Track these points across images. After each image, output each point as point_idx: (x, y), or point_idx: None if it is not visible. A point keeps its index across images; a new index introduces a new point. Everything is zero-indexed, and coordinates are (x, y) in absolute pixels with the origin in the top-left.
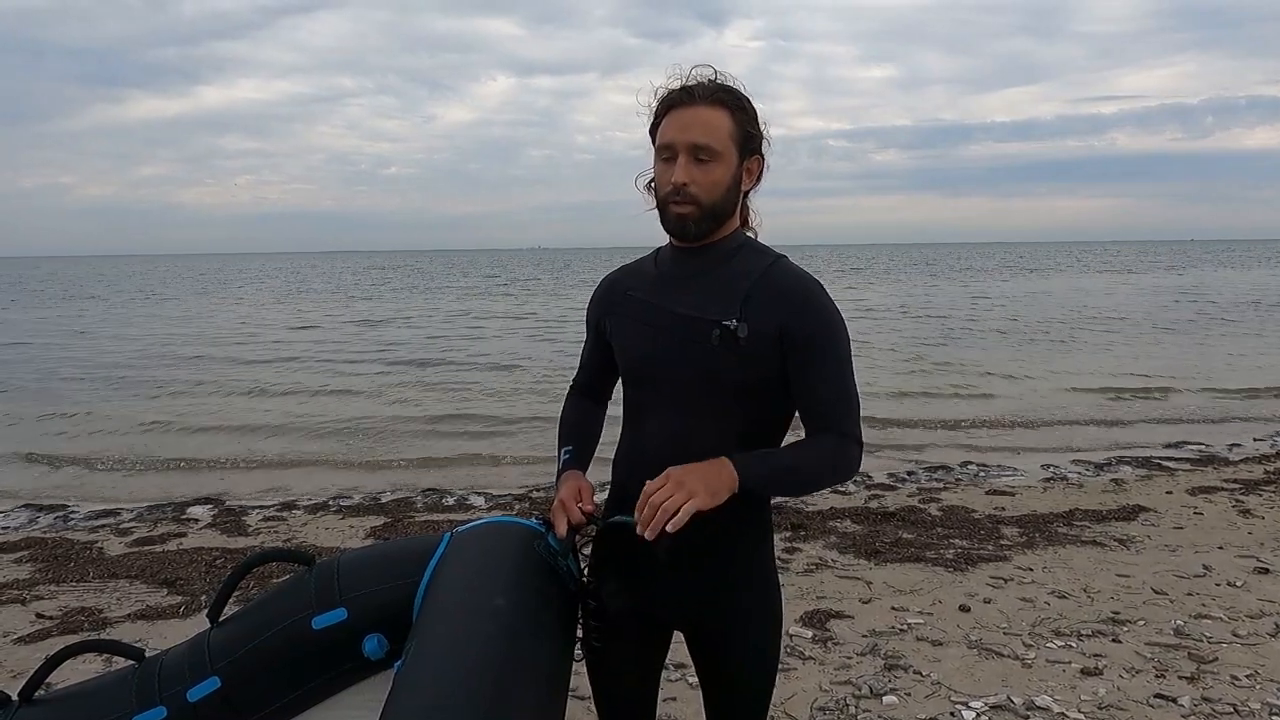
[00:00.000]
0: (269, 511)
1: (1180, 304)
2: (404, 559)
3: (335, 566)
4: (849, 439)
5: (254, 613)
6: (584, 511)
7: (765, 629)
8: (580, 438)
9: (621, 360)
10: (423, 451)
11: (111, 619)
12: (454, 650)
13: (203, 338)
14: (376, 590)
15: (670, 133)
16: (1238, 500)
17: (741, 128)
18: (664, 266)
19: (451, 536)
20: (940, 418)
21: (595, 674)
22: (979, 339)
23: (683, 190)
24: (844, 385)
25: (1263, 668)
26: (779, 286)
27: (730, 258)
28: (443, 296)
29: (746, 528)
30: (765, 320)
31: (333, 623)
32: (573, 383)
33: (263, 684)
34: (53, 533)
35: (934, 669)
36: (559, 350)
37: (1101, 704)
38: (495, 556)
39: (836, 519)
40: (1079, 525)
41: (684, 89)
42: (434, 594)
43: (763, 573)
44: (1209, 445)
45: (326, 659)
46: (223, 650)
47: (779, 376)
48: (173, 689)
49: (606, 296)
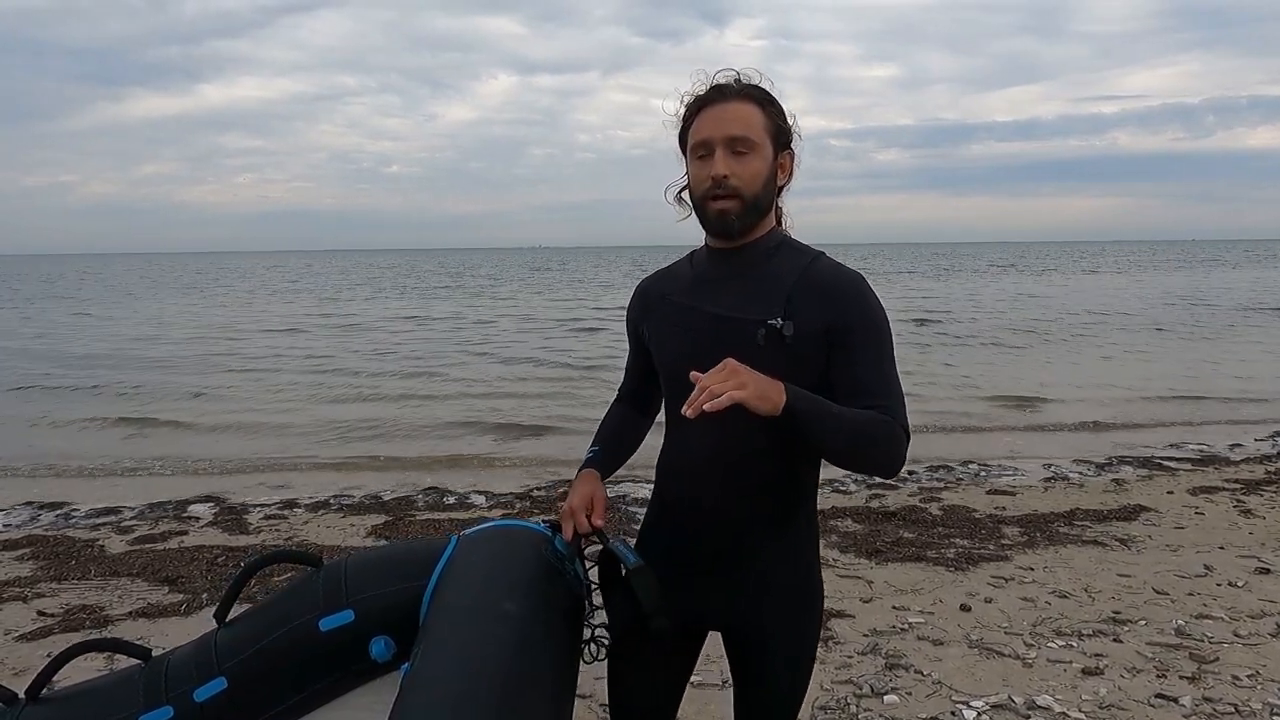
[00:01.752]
0: (270, 510)
1: (1178, 306)
2: (411, 561)
3: (343, 568)
4: (896, 423)
5: (261, 614)
6: (592, 525)
7: (804, 628)
8: (611, 441)
9: (661, 365)
10: (423, 450)
11: (113, 617)
12: (462, 653)
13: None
14: (384, 592)
15: (706, 129)
16: (1239, 500)
17: (774, 121)
18: (700, 268)
19: (459, 539)
20: (942, 414)
21: (615, 689)
22: (987, 339)
23: (723, 183)
24: (888, 378)
25: (1264, 668)
26: (823, 283)
27: (770, 257)
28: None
29: (788, 523)
30: (811, 318)
31: (340, 624)
32: (618, 392)
33: (269, 685)
34: (54, 530)
35: (935, 668)
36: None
37: (1102, 704)
38: (503, 560)
39: (837, 518)
40: (1080, 525)
41: (715, 87)
42: (441, 597)
43: (807, 570)
44: (1210, 445)
45: (333, 661)
46: (230, 651)
47: (823, 379)
48: (179, 689)
49: (642, 302)
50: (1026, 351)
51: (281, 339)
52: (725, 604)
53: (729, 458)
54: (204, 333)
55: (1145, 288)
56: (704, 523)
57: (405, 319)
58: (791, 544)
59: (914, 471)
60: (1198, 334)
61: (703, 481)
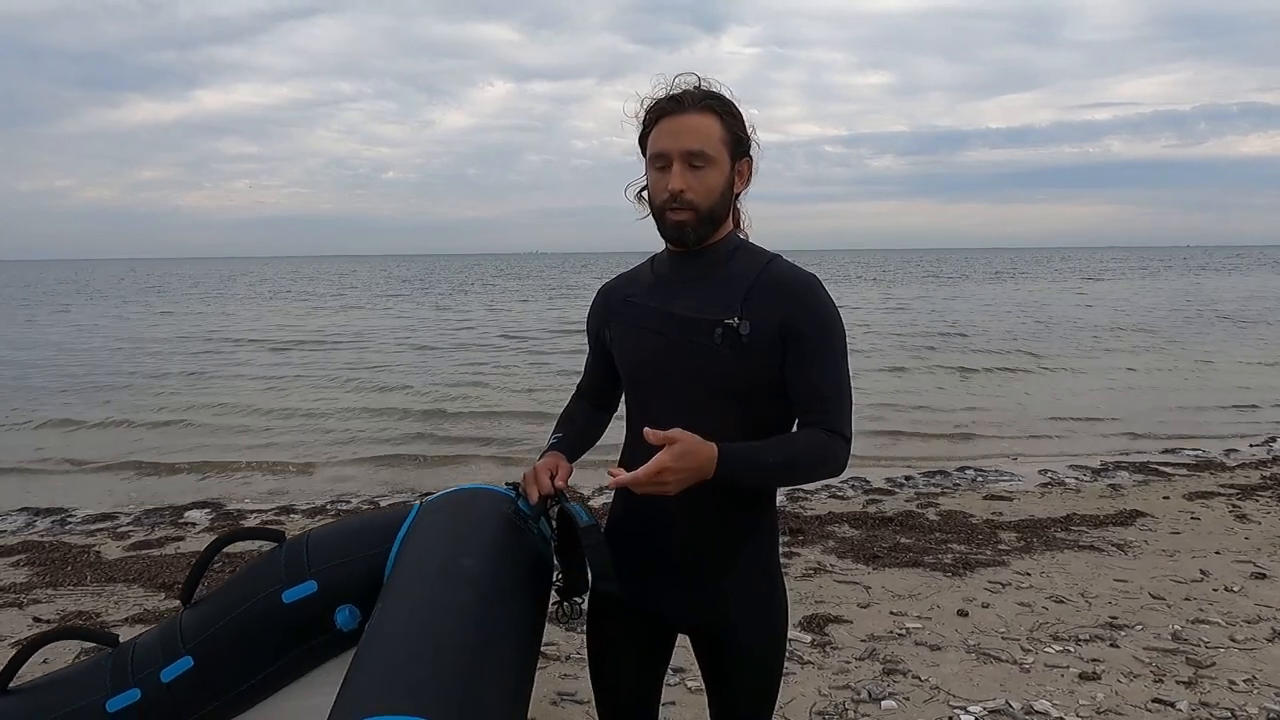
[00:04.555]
0: (266, 515)
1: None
2: (373, 530)
3: (304, 541)
4: (837, 436)
5: (225, 591)
6: (554, 486)
7: (769, 629)
8: (573, 429)
9: (623, 365)
10: (421, 453)
11: (109, 622)
12: (423, 607)
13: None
14: (346, 561)
15: (663, 141)
16: (1234, 505)
17: (731, 131)
18: (661, 271)
19: (421, 505)
20: (939, 422)
21: (597, 677)
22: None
23: (680, 197)
24: (838, 380)
25: (1260, 673)
26: (778, 283)
27: (727, 259)
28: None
29: (750, 529)
30: (766, 317)
31: (303, 595)
32: (577, 388)
33: (236, 660)
34: (50, 536)
35: (932, 674)
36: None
37: (1099, 709)
38: (465, 519)
39: (834, 524)
40: (1076, 530)
41: (672, 98)
42: (404, 559)
43: (767, 574)
44: (1206, 451)
45: (299, 632)
46: (195, 629)
47: (780, 377)
48: (145, 670)
49: (605, 305)
50: (1026, 359)
51: (278, 344)
52: (690, 605)
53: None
54: (196, 336)
55: (1148, 295)
56: (666, 522)
57: (417, 319)
58: (753, 543)
59: (911, 477)
60: (1193, 339)
61: None
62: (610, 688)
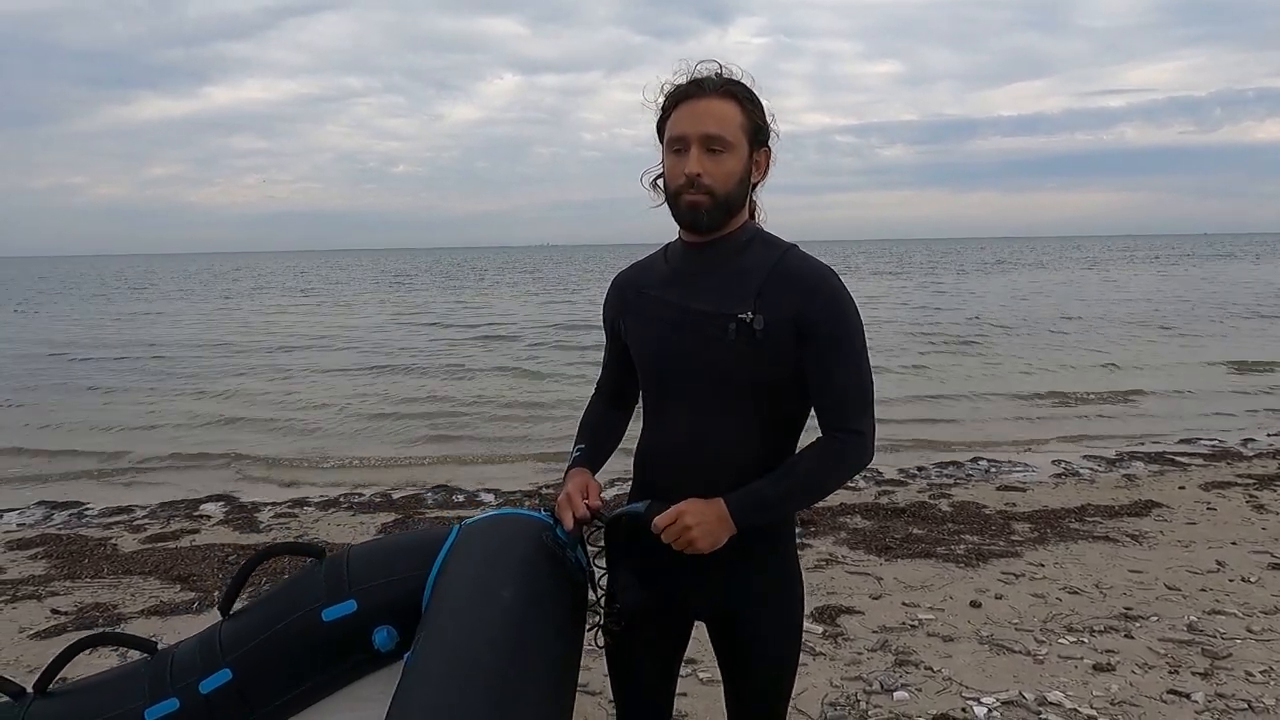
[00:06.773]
0: (281, 508)
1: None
2: (413, 551)
3: (345, 559)
4: (851, 434)
5: (264, 605)
6: (590, 508)
7: (786, 619)
8: (595, 438)
9: (638, 358)
10: (432, 449)
11: (125, 615)
12: (463, 640)
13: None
14: (386, 582)
15: (682, 125)
16: (1251, 495)
17: (751, 119)
18: (675, 262)
19: (460, 528)
20: (952, 412)
21: (615, 669)
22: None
23: (696, 181)
24: (856, 373)
25: (1277, 664)
26: (792, 276)
27: (742, 250)
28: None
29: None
30: (780, 311)
31: (343, 615)
32: (596, 386)
33: (274, 675)
34: (67, 529)
35: (945, 665)
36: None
37: (1114, 700)
38: (504, 548)
39: (847, 515)
40: (1091, 521)
41: (694, 81)
42: (443, 585)
43: (783, 561)
44: (1222, 440)
45: (337, 651)
46: (234, 642)
47: (796, 371)
48: (185, 681)
49: (620, 296)
50: (1040, 350)
51: (288, 339)
52: (707, 592)
53: (707, 445)
54: (211, 330)
55: (1169, 281)
56: None
57: (422, 315)
58: (772, 533)
59: (923, 468)
60: (1208, 328)
61: (682, 470)
62: (631, 679)
